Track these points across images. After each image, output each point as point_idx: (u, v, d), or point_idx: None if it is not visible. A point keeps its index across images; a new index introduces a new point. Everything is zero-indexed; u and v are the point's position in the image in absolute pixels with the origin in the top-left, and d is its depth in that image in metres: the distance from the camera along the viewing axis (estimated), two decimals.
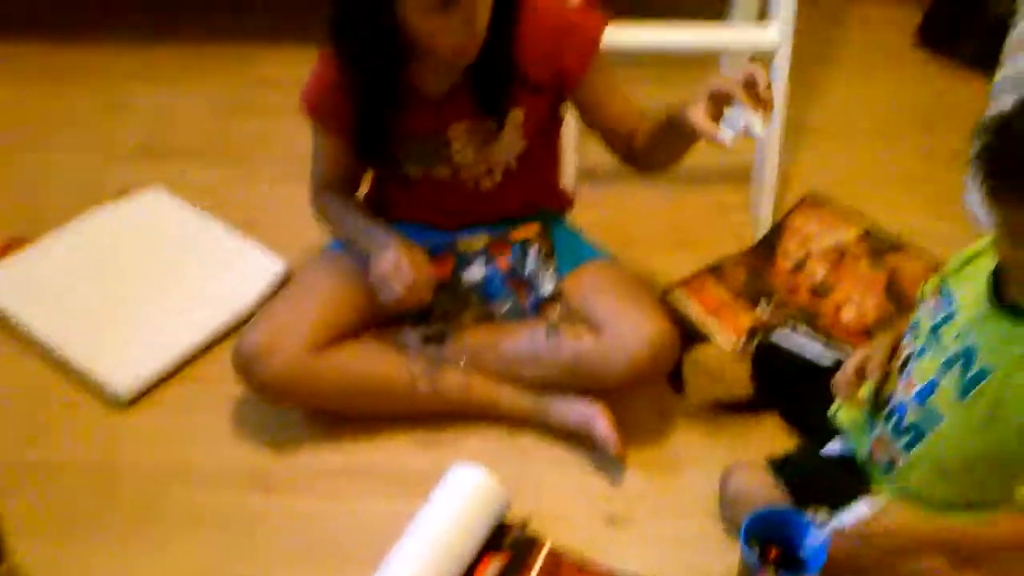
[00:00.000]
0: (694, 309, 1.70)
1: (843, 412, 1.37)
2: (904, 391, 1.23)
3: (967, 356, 1.14)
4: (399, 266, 1.37)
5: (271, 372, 1.41)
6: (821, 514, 1.27)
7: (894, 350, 1.29)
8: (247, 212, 1.88)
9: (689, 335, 1.63)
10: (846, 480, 1.31)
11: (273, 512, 1.40)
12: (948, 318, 1.19)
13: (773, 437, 1.50)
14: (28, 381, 1.57)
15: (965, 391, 1.13)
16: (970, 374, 1.13)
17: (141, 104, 2.20)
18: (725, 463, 1.41)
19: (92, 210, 1.84)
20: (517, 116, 1.42)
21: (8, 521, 1.26)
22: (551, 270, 1.50)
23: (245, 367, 1.43)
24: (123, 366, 1.55)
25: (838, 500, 1.29)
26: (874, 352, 1.30)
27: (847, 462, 1.34)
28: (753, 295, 1.73)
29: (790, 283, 1.76)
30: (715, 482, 1.40)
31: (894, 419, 1.24)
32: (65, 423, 1.51)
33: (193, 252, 1.77)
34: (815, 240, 1.83)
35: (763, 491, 1.33)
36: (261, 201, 1.92)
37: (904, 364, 1.24)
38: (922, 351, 1.21)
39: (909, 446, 1.22)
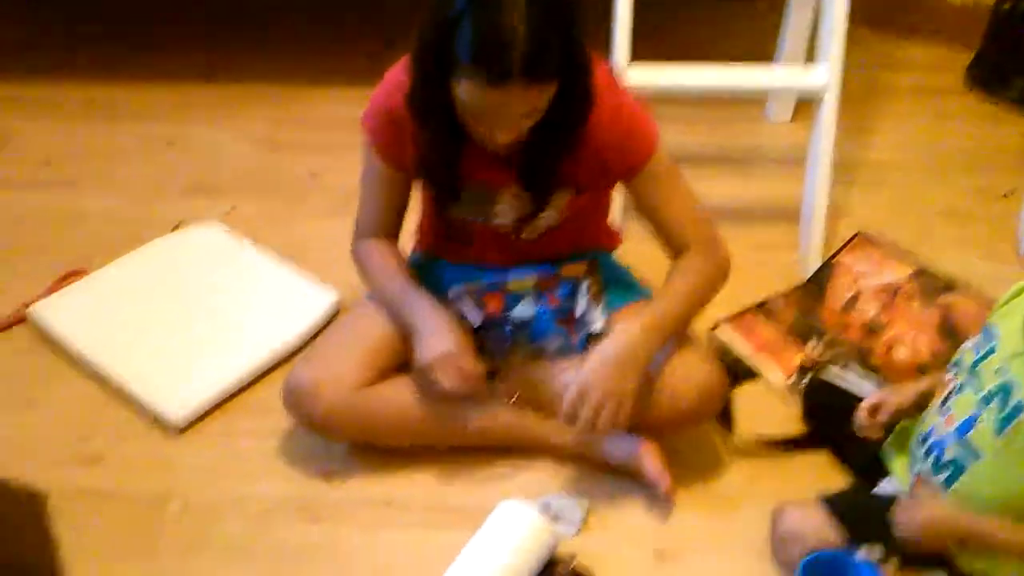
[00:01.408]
0: (743, 347, 1.69)
1: (891, 450, 1.35)
2: (944, 427, 1.22)
3: (1005, 391, 1.13)
4: (445, 367, 1.37)
5: (320, 408, 1.42)
6: (875, 552, 1.25)
7: (921, 397, 1.30)
8: (296, 246, 1.90)
9: (738, 372, 1.63)
10: None
11: (320, 542, 1.40)
12: (988, 354, 1.18)
13: (824, 475, 1.47)
14: (83, 407, 1.60)
15: (1002, 427, 1.12)
16: (1007, 410, 1.12)
17: (192, 141, 2.24)
18: (775, 502, 1.39)
19: (145, 244, 1.87)
20: (562, 199, 1.43)
21: (61, 544, 1.27)
22: (600, 307, 1.50)
23: (294, 403, 1.44)
24: (176, 395, 1.56)
25: (890, 536, 1.27)
26: (893, 395, 1.32)
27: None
28: (803, 333, 1.72)
29: (841, 321, 1.74)
30: (765, 521, 1.38)
31: (933, 455, 1.23)
32: (118, 450, 1.53)
33: (244, 285, 1.79)
34: (866, 278, 1.81)
35: (815, 530, 1.30)
36: (310, 235, 1.95)
37: (945, 400, 1.23)
38: (962, 387, 1.21)
39: (948, 482, 1.21)
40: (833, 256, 1.87)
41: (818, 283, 1.81)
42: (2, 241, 1.95)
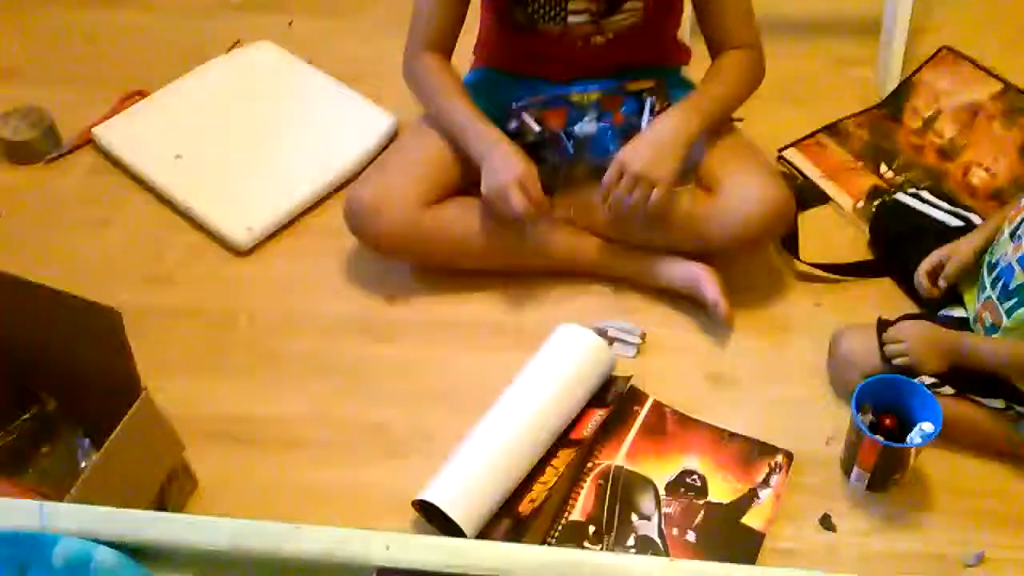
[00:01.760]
0: (812, 170, 1.64)
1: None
2: (1013, 254, 1.19)
3: None
4: (513, 192, 1.35)
5: (381, 227, 1.43)
6: (930, 379, 1.25)
7: (981, 252, 1.28)
8: (354, 65, 1.86)
9: (805, 196, 1.59)
10: None
11: (384, 358, 1.45)
12: None
13: (888, 303, 1.45)
14: (153, 229, 1.63)
15: None
16: None
17: None
18: (836, 328, 1.38)
19: (203, 63, 1.85)
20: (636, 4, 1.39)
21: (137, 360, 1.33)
22: None
23: (356, 222, 1.45)
24: (240, 217, 1.59)
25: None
26: (953, 256, 1.30)
27: (961, 324, 1.30)
28: (875, 156, 1.66)
29: (916, 143, 1.67)
30: (824, 348, 1.38)
31: (1001, 282, 1.21)
32: (186, 269, 1.57)
33: (303, 105, 1.77)
34: (947, 98, 1.72)
35: (873, 353, 1.30)
36: (368, 54, 1.90)
37: (1017, 227, 1.19)
38: None
39: (1011, 310, 1.19)
40: (913, 73, 1.77)
41: (895, 102, 1.73)
42: (63, 61, 1.94)
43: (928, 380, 1.25)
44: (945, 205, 1.48)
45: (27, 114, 1.74)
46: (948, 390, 1.27)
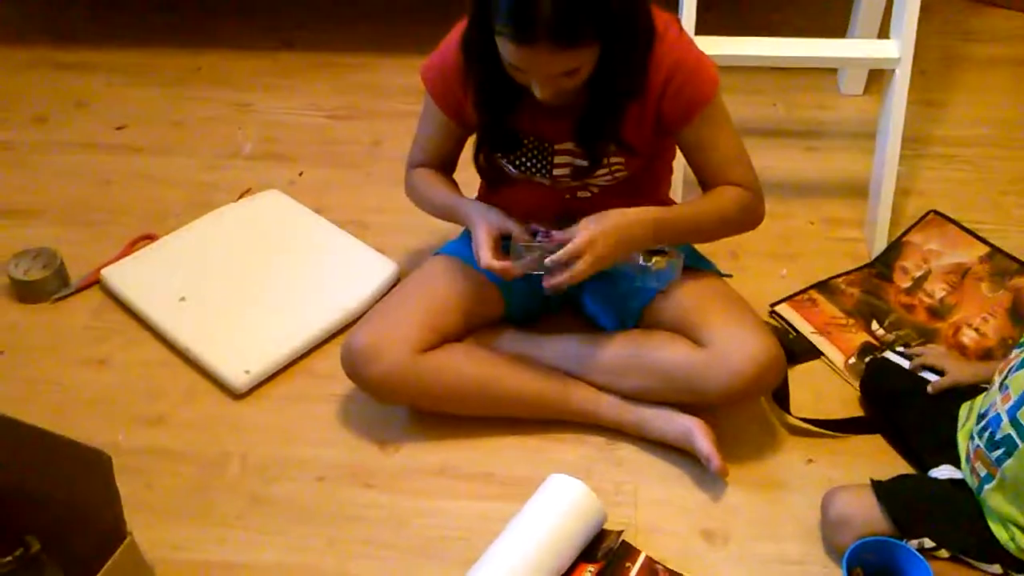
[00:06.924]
0: (803, 325, 1.67)
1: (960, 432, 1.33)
2: (1000, 404, 1.20)
3: None
4: (479, 253, 1.39)
5: (378, 372, 1.44)
6: (924, 544, 1.24)
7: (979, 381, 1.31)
8: (358, 214, 1.93)
9: (797, 351, 1.61)
10: (954, 506, 1.27)
11: (373, 506, 1.43)
12: None
13: (880, 459, 1.45)
14: (152, 369, 1.65)
15: None
16: None
17: (260, 108, 2.27)
18: (828, 484, 1.37)
19: (213, 210, 1.92)
20: (618, 157, 1.44)
21: (125, 501, 1.32)
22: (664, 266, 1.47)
23: (353, 366, 1.47)
24: (238, 360, 1.61)
25: (945, 526, 1.25)
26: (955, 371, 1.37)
27: (956, 487, 1.29)
28: (867, 314, 1.68)
29: (907, 302, 1.70)
30: (817, 503, 1.37)
31: (989, 431, 1.22)
32: (182, 411, 1.58)
33: (307, 253, 1.82)
34: (935, 259, 1.76)
35: (866, 515, 1.29)
36: (372, 204, 1.97)
37: (1005, 377, 1.21)
38: (1021, 364, 1.19)
39: (1000, 460, 1.20)
40: (903, 234, 1.82)
41: (885, 262, 1.77)
42: (77, 203, 2.01)
43: (926, 544, 1.24)
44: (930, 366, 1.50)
45: (38, 255, 1.79)
46: (944, 553, 1.25)
